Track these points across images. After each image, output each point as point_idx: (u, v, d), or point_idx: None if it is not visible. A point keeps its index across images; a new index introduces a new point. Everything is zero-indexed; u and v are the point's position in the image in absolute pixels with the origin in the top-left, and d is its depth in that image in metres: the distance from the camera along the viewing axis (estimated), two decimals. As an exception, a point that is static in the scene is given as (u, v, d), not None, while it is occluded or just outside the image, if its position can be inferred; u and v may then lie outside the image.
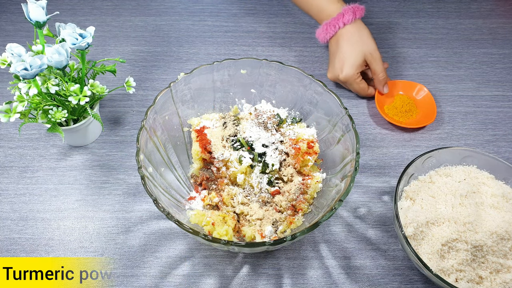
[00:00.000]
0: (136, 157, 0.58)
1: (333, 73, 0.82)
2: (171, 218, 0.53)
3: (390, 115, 0.82)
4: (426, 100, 0.84)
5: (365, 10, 0.82)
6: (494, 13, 1.06)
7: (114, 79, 0.86)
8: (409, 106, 0.83)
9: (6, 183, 0.72)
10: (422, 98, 0.85)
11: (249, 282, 0.63)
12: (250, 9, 1.05)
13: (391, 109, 0.83)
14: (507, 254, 0.59)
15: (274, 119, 0.70)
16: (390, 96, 0.85)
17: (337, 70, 0.81)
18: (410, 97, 0.85)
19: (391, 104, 0.84)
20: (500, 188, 0.65)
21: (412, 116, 0.82)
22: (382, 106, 0.83)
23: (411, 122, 0.81)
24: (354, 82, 0.81)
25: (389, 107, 0.84)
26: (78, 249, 0.66)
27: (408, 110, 0.83)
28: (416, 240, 0.61)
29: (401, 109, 0.83)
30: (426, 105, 0.84)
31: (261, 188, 0.66)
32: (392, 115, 0.82)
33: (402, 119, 0.82)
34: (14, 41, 0.64)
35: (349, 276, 0.64)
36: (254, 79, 0.73)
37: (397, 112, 0.82)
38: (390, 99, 0.85)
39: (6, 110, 0.63)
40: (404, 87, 0.86)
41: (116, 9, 1.03)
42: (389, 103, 0.84)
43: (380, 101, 0.84)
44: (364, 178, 0.75)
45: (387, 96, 0.85)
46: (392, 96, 0.86)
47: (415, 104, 0.84)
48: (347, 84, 0.82)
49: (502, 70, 0.93)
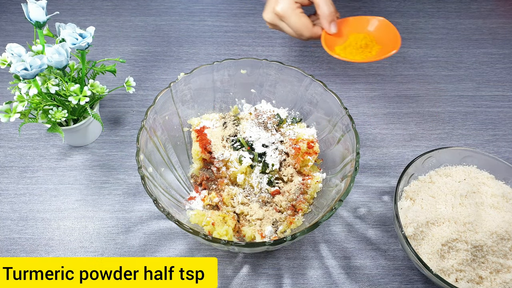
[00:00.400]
0: (136, 157, 0.58)
1: (268, 8, 0.69)
2: (171, 218, 0.53)
3: (342, 55, 0.68)
4: (384, 29, 0.70)
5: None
6: (494, 13, 1.06)
7: (114, 79, 0.86)
8: (365, 41, 0.70)
9: (6, 183, 0.72)
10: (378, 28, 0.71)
11: (249, 282, 0.63)
12: (250, 9, 1.05)
13: (345, 49, 0.69)
14: (507, 254, 0.59)
15: (274, 119, 0.70)
16: (340, 36, 0.70)
17: (272, 3, 0.68)
18: (366, 34, 0.71)
19: (343, 45, 0.70)
20: (500, 188, 0.65)
21: (370, 52, 0.69)
22: (332, 47, 0.69)
23: (371, 57, 0.68)
24: (293, 14, 0.67)
25: (340, 47, 0.69)
26: (78, 249, 0.66)
27: (364, 46, 0.69)
28: (416, 240, 0.61)
29: (356, 46, 0.69)
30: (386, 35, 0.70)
31: (261, 188, 0.66)
32: (345, 55, 0.68)
33: (358, 56, 0.68)
34: (14, 41, 0.64)
35: (349, 276, 0.64)
36: (254, 79, 0.73)
37: (351, 50, 0.69)
38: (341, 39, 0.70)
39: (6, 110, 0.63)
40: (356, 25, 0.71)
41: (116, 9, 1.03)
42: (340, 43, 0.70)
43: (330, 42, 0.69)
44: (364, 178, 0.75)
45: (338, 36, 0.70)
46: (343, 35, 0.71)
47: (374, 39, 0.70)
48: (285, 19, 0.68)
49: (502, 70, 0.93)
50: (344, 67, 0.93)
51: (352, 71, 0.92)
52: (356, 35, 0.70)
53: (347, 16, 0.72)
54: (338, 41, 0.70)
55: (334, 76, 0.91)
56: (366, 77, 0.91)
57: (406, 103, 0.87)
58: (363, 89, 0.89)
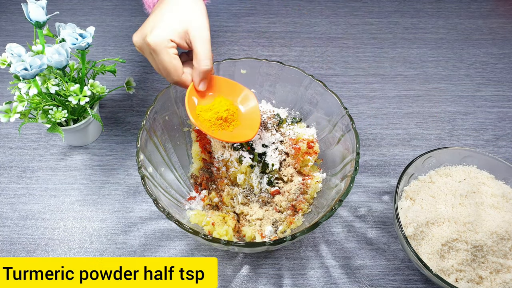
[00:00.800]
0: (136, 157, 0.58)
1: (141, 32, 0.57)
2: (171, 218, 0.53)
3: (201, 119, 0.60)
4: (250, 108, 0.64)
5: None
6: (494, 13, 1.06)
7: (114, 79, 0.86)
8: (227, 113, 0.61)
9: (6, 183, 0.72)
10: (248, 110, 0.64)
11: (249, 282, 0.63)
12: (250, 9, 1.05)
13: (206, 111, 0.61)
14: (507, 254, 0.59)
15: (274, 119, 0.70)
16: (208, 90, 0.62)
17: (146, 29, 0.57)
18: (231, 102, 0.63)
19: (207, 105, 0.62)
20: (500, 188, 0.65)
21: (228, 128, 0.62)
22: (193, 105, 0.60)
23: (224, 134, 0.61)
24: (164, 52, 0.55)
25: (203, 107, 0.61)
26: (78, 249, 0.66)
27: (225, 118, 0.61)
28: (416, 240, 0.61)
29: (217, 114, 0.61)
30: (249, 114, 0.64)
31: (261, 188, 0.66)
32: (203, 120, 0.60)
33: (215, 128, 0.61)
34: (14, 41, 0.64)
35: (349, 276, 0.64)
36: (254, 79, 0.73)
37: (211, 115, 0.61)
38: (207, 97, 0.62)
39: (6, 110, 0.63)
40: (227, 88, 0.64)
41: (116, 9, 1.03)
42: (204, 102, 0.62)
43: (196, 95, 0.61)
44: (364, 178, 0.75)
45: (203, 95, 0.62)
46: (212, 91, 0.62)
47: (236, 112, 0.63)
48: (155, 53, 0.56)
49: (502, 70, 0.93)
50: (344, 67, 0.93)
51: (352, 71, 0.92)
52: (223, 99, 0.62)
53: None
54: (204, 99, 0.61)
55: (334, 76, 0.91)
56: (366, 77, 0.91)
57: (406, 103, 0.87)
58: (363, 89, 0.89)
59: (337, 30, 1.01)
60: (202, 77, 0.58)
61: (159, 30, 0.55)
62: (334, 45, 0.97)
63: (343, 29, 1.01)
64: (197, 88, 0.59)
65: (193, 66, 0.57)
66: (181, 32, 0.56)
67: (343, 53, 0.96)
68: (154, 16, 0.58)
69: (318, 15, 1.04)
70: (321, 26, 1.02)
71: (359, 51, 0.96)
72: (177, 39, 0.56)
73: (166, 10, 0.57)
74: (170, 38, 0.55)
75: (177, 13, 0.57)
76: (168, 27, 0.55)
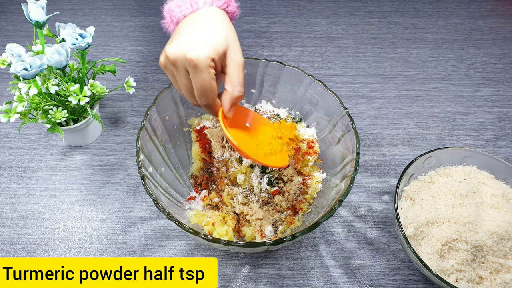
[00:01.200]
0: (136, 157, 0.58)
1: (180, 47, 0.51)
2: (171, 218, 0.53)
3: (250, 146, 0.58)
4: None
5: (238, 14, 0.60)
6: (494, 13, 1.06)
7: (114, 79, 0.86)
8: (277, 146, 0.62)
9: (6, 183, 0.72)
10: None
11: (249, 282, 0.63)
12: (250, 9, 1.05)
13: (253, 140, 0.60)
14: (507, 254, 0.59)
15: (274, 119, 0.70)
16: (244, 125, 0.61)
17: (187, 44, 0.51)
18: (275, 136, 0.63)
19: (256, 137, 0.61)
20: (500, 188, 0.65)
21: (274, 155, 0.60)
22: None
23: (267, 158, 0.59)
24: (206, 70, 0.50)
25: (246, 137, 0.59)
26: (78, 249, 0.66)
27: (274, 152, 0.61)
28: (416, 240, 0.61)
29: (268, 146, 0.61)
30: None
31: (261, 188, 0.66)
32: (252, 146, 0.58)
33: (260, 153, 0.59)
34: (14, 41, 0.64)
35: (349, 276, 0.64)
36: (254, 79, 0.73)
37: (259, 145, 0.60)
38: (252, 131, 0.61)
39: (6, 110, 0.63)
40: (265, 124, 0.63)
41: (116, 9, 1.03)
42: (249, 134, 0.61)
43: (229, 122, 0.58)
44: (364, 178, 0.75)
45: (240, 125, 0.60)
46: (248, 131, 0.61)
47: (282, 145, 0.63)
48: (197, 71, 0.51)
49: (502, 70, 0.93)
50: (344, 67, 0.93)
51: (352, 71, 0.92)
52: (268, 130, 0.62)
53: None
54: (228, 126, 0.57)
55: (334, 76, 0.91)
56: (366, 77, 0.91)
57: (406, 103, 0.87)
58: (363, 89, 0.89)
59: (337, 30, 1.01)
60: (233, 103, 0.55)
61: (204, 47, 0.51)
62: (334, 45, 0.97)
63: (343, 29, 1.01)
64: (226, 114, 0.55)
65: (226, 89, 0.54)
66: (221, 53, 0.52)
67: (343, 53, 0.96)
68: (192, 32, 0.53)
69: (318, 15, 1.04)
70: (321, 26, 1.02)
71: (359, 51, 0.96)
72: (217, 60, 0.52)
73: (204, 28, 0.53)
74: (212, 57, 0.51)
75: (217, 33, 0.53)
76: (211, 46, 0.51)
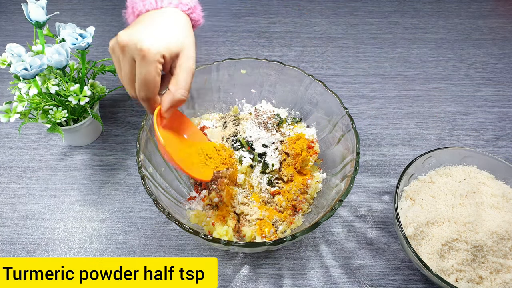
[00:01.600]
0: (136, 157, 0.58)
1: (133, 35, 0.50)
2: (171, 218, 0.53)
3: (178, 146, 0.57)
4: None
5: (201, 23, 0.62)
6: (494, 13, 1.06)
7: (114, 79, 0.86)
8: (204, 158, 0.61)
9: (6, 183, 0.72)
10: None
11: (249, 282, 0.63)
12: (250, 9, 1.05)
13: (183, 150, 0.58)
14: (507, 254, 0.59)
15: (274, 119, 0.70)
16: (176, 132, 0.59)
17: (141, 34, 0.51)
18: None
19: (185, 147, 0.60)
20: (500, 188, 0.65)
21: (207, 166, 0.61)
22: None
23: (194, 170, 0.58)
24: (154, 64, 0.50)
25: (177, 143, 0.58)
26: (78, 249, 0.66)
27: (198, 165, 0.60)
28: (416, 240, 0.61)
29: (198, 158, 0.61)
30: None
31: (261, 188, 0.66)
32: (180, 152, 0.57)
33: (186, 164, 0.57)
34: (14, 41, 0.64)
35: (349, 276, 0.64)
36: (254, 79, 0.73)
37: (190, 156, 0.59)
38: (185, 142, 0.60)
39: (6, 110, 0.63)
40: (195, 137, 0.62)
41: (116, 9, 1.03)
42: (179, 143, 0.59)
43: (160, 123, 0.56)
44: (364, 178, 0.75)
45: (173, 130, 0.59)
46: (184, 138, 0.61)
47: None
48: (145, 63, 0.50)
49: (502, 70, 0.93)
50: (344, 67, 0.93)
51: (352, 71, 0.92)
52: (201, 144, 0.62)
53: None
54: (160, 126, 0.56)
55: (334, 76, 0.91)
56: (366, 77, 0.91)
57: (406, 103, 0.87)
58: (363, 89, 0.89)
59: (337, 30, 1.01)
60: (173, 105, 0.54)
61: (157, 41, 0.51)
62: (334, 45, 0.97)
63: (343, 29, 1.01)
64: (163, 113, 0.55)
65: (169, 88, 0.53)
66: (174, 53, 0.52)
67: (343, 53, 0.96)
68: (150, 25, 0.53)
69: (318, 15, 1.04)
70: (321, 26, 1.02)
71: (359, 51, 0.96)
72: (168, 58, 0.52)
73: (163, 24, 0.54)
74: (163, 53, 0.51)
75: (175, 33, 0.54)
76: (165, 43, 0.51)
